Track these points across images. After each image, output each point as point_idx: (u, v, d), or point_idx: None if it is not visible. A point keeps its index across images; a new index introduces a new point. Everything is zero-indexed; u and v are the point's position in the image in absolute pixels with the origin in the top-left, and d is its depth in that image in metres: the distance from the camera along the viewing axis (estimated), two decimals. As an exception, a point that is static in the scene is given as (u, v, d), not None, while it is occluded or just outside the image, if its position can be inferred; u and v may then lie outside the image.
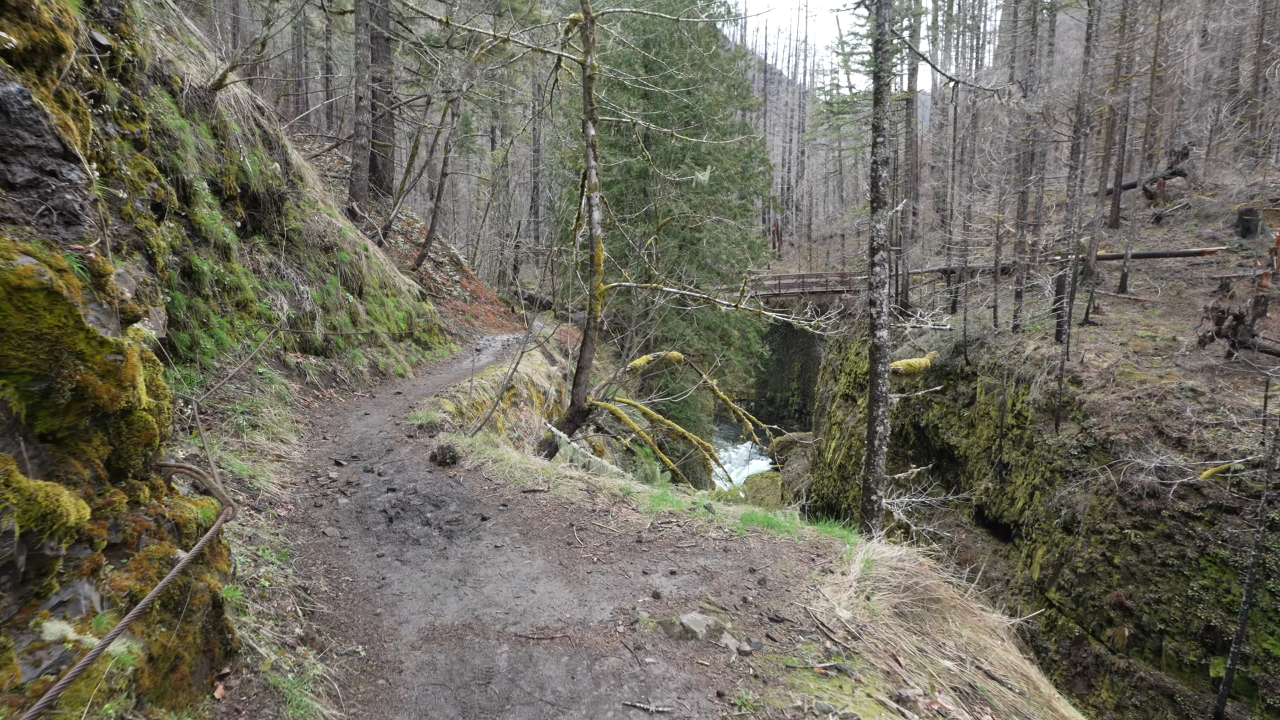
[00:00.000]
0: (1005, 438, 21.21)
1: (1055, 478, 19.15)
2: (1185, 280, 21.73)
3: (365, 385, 9.65)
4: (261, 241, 9.39)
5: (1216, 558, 15.10)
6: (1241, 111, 27.06)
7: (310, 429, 7.22)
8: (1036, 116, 19.99)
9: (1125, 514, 17.00)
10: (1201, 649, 15.19)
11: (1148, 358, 19.35)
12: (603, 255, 7.39)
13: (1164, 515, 16.15)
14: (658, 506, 5.12)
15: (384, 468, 6.21)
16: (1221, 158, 26.05)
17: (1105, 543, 17.38)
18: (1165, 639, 15.90)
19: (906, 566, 4.26)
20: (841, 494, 28.69)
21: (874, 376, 6.62)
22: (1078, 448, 18.64)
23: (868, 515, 6.62)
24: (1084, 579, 17.82)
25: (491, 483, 5.75)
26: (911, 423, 25.28)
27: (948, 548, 22.50)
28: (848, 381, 29.06)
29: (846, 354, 29.52)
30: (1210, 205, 23.11)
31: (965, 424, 23.10)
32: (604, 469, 6.42)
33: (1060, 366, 19.15)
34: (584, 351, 7.60)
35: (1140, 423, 17.76)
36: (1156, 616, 16.15)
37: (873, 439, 6.62)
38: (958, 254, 24.22)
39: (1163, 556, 16.15)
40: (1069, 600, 18.11)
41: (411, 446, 6.78)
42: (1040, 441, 19.74)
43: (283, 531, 4.71)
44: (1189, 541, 15.69)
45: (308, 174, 11.45)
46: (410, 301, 13.58)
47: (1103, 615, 17.22)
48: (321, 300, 9.76)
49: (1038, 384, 20.27)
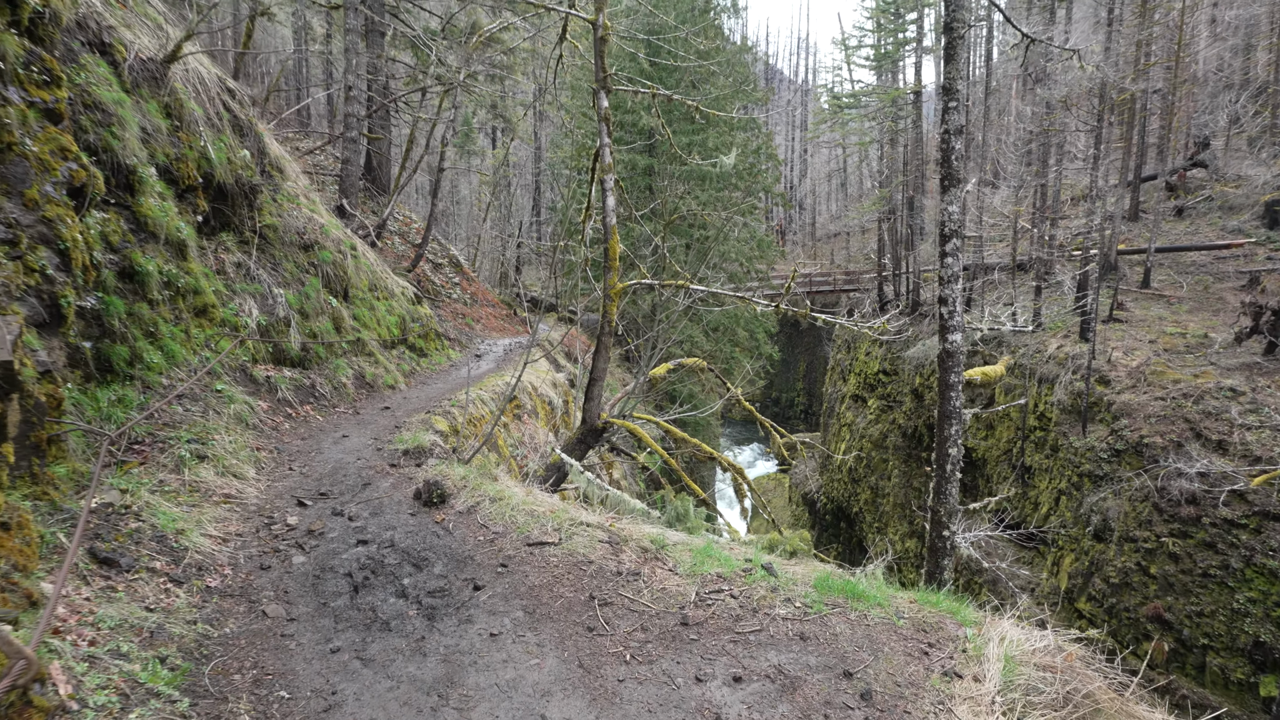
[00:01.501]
0: (1028, 440, 19.91)
1: (1083, 482, 17.85)
2: (1211, 275, 20.43)
3: (349, 399, 8.35)
4: (229, 239, 8.09)
5: (1264, 568, 13.81)
6: (1259, 101, 25.74)
7: (275, 457, 5.93)
8: (1058, 105, 18.65)
9: (1162, 521, 15.68)
10: (1250, 666, 13.90)
11: (1179, 355, 18.04)
12: (618, 249, 6.11)
13: (1204, 523, 14.86)
14: (702, 566, 3.84)
15: (357, 509, 4.90)
16: (1240, 149, 24.74)
17: (1140, 551, 16.05)
18: (1209, 654, 14.60)
19: (1055, 664, 2.98)
20: (853, 497, 27.40)
21: (944, 388, 5.36)
22: (1108, 451, 17.31)
23: (937, 554, 5.37)
24: (1117, 589, 16.48)
25: (488, 531, 4.45)
26: (926, 424, 23.99)
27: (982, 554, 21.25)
28: (857, 382, 27.77)
29: (856, 354, 28.22)
30: (1234, 197, 21.80)
31: (984, 425, 21.80)
32: (625, 505, 5.14)
33: (1088, 365, 17.84)
34: (597, 360, 6.31)
35: (1176, 424, 16.43)
36: (1199, 630, 14.84)
37: (944, 463, 5.36)
38: (972, 250, 22.91)
39: (1204, 566, 14.86)
40: (1101, 611, 16.77)
41: (393, 479, 5.48)
42: (1066, 444, 18.43)
43: (207, 614, 3.42)
44: (1233, 551, 14.40)
45: (288, 166, 10.15)
46: (404, 305, 12.29)
47: (1139, 628, 15.89)
48: (299, 304, 8.46)
49: (1062, 384, 18.96)
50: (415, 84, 15.75)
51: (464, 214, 33.88)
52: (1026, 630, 3.17)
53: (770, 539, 4.21)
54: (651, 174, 21.84)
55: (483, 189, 31.18)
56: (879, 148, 29.23)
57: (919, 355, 23.82)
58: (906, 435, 25.29)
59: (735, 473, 6.53)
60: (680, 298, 6.29)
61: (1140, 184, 23.00)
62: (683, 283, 5.92)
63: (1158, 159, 25.38)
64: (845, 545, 27.31)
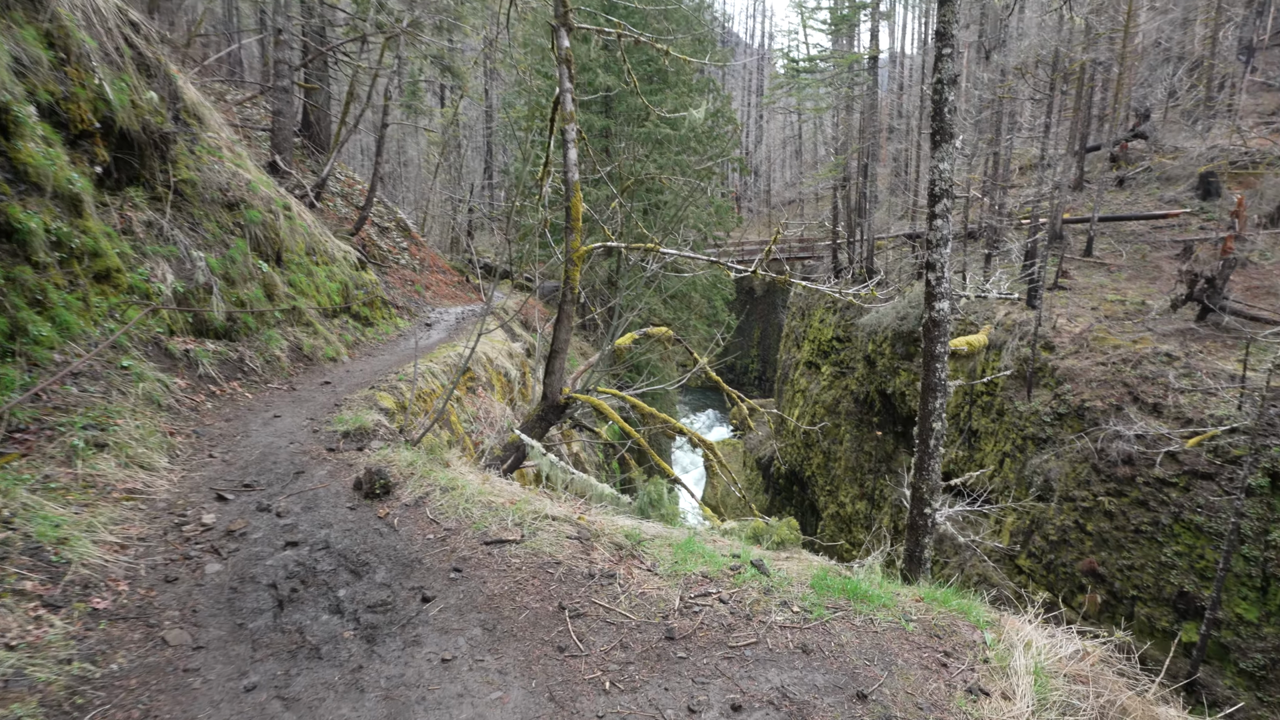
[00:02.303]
0: (975, 405, 20.23)
1: (1027, 445, 18.25)
2: (1149, 244, 20.91)
3: (283, 374, 7.51)
4: (138, 195, 7.05)
5: (1191, 524, 14.36)
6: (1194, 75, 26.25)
7: (193, 443, 5.14)
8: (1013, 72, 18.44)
9: (1099, 481, 16.15)
10: (1174, 614, 14.54)
11: (1119, 322, 18.46)
12: (581, 208, 5.45)
13: (1138, 482, 15.34)
14: (684, 565, 3.35)
15: (287, 503, 4.22)
16: (1176, 121, 25.27)
17: (1078, 510, 16.54)
18: (1138, 605, 15.23)
19: (1085, 673, 2.61)
20: (806, 461, 27.64)
21: (930, 360, 4.96)
22: (1051, 415, 17.69)
23: (918, 532, 5.05)
24: (1056, 546, 17.01)
25: (439, 527, 3.85)
26: (877, 390, 24.20)
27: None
28: (811, 349, 27.79)
29: (810, 321, 28.18)
30: (1171, 168, 22.27)
31: (933, 390, 22.05)
32: (593, 490, 4.60)
33: (1034, 332, 18.09)
34: (558, 330, 5.68)
35: (1115, 388, 16.84)
36: (1129, 583, 15.44)
37: (927, 438, 5.00)
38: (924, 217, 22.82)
39: (1136, 523, 15.38)
40: (1040, 567, 17.33)
41: (331, 466, 4.79)
42: (1011, 409, 18.78)
43: (88, 646, 2.75)
44: (1163, 508, 14.93)
45: (209, 115, 8.98)
46: (347, 271, 11.29)
47: (1074, 582, 16.46)
48: (223, 269, 7.50)
49: (1009, 350, 19.23)
50: (354, 32, 14.39)
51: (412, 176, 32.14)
52: (1050, 634, 2.80)
53: (754, 527, 3.78)
54: (609, 135, 20.88)
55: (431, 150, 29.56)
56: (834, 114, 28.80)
57: (872, 322, 23.86)
58: (859, 401, 25.48)
59: (706, 449, 6.07)
60: (648, 262, 5.70)
61: (1085, 154, 23.26)
62: (652, 245, 5.31)
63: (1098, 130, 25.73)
64: (798, 509, 27.64)
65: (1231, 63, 25.99)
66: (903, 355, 23.62)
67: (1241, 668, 13.29)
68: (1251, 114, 25.57)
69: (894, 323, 23.31)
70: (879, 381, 24.02)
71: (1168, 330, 17.22)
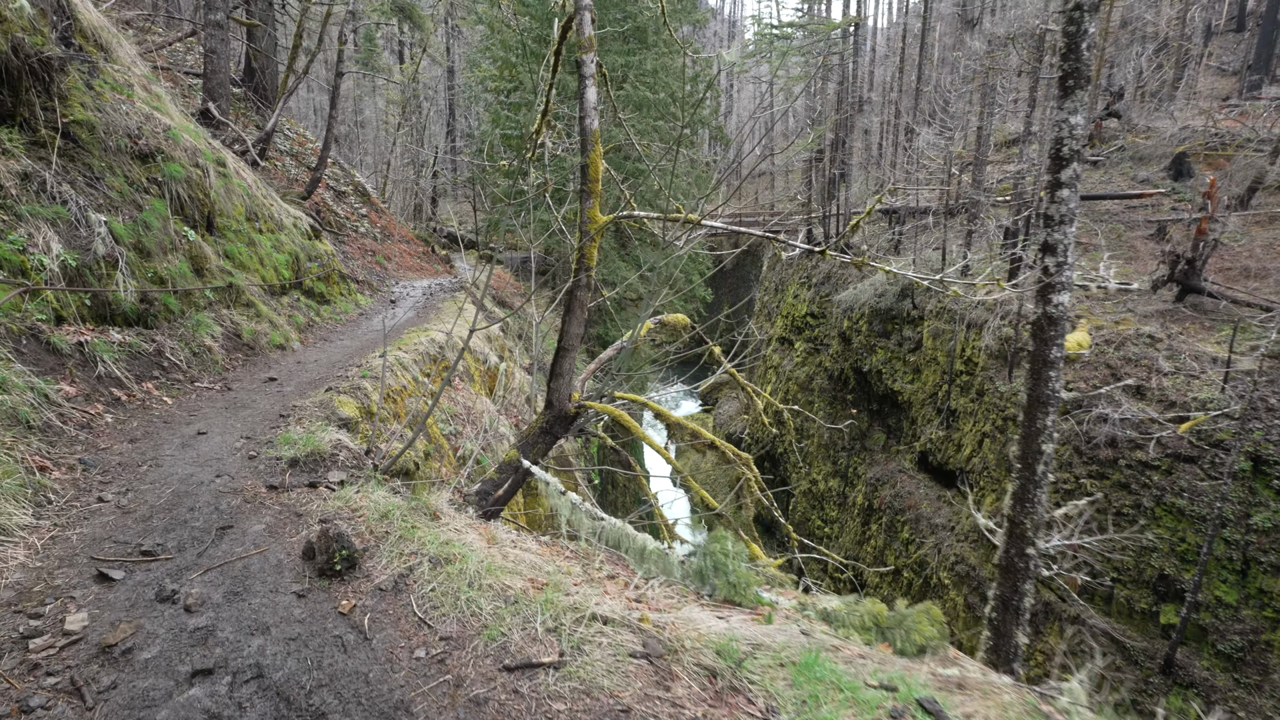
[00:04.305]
0: (954, 384, 19.62)
1: (1007, 425, 17.73)
2: (1123, 223, 20.45)
3: (216, 369, 5.93)
4: (13, 138, 5.30)
5: (1173, 507, 14.00)
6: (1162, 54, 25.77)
7: (78, 479, 3.65)
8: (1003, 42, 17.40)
9: (1081, 463, 15.69)
10: (1153, 597, 14.27)
11: (1098, 302, 17.96)
12: (601, 165, 4.08)
13: (1120, 465, 14.92)
14: (817, 711, 2.15)
15: (203, 587, 2.82)
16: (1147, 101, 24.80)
17: (1060, 492, 16.09)
18: (1117, 587, 14.93)
19: None
20: (778, 438, 26.95)
21: (1041, 366, 3.83)
22: (1033, 395, 17.12)
23: (1015, 576, 3.97)
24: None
25: (432, 634, 2.53)
26: (853, 367, 23.47)
27: (892, 492, 21.19)
28: (784, 324, 26.88)
29: (784, 296, 27.22)
30: (1144, 148, 21.79)
31: (910, 369, 21.41)
32: (630, 543, 3.33)
33: (1018, 311, 17.44)
34: (569, 324, 4.34)
35: (1099, 370, 16.33)
36: (1109, 565, 15.11)
37: (1033, 462, 3.91)
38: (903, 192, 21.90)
39: (1118, 506, 15.00)
40: (1020, 547, 16.88)
41: (272, 515, 3.39)
42: (992, 389, 18.20)
43: None
44: (1145, 491, 14.55)
45: (116, 45, 7.11)
46: (298, 240, 9.56)
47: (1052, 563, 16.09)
48: (134, 236, 5.82)
49: (990, 329, 18.58)
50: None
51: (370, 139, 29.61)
52: None
53: (874, 614, 2.63)
54: (583, 98, 19.08)
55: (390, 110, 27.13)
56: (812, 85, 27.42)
57: (849, 299, 23.00)
58: (833, 378, 24.76)
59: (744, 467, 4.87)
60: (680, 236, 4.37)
61: (1062, 132, 22.60)
62: (692, 217, 3.99)
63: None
64: (769, 485, 27.04)
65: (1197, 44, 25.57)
66: (880, 333, 22.89)
67: (1219, 649, 13.06)
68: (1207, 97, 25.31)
69: (871, 299, 22.50)
70: (854, 359, 23.30)
71: (1148, 311, 16.75)
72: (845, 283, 24.14)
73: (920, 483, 20.60)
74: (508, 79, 20.93)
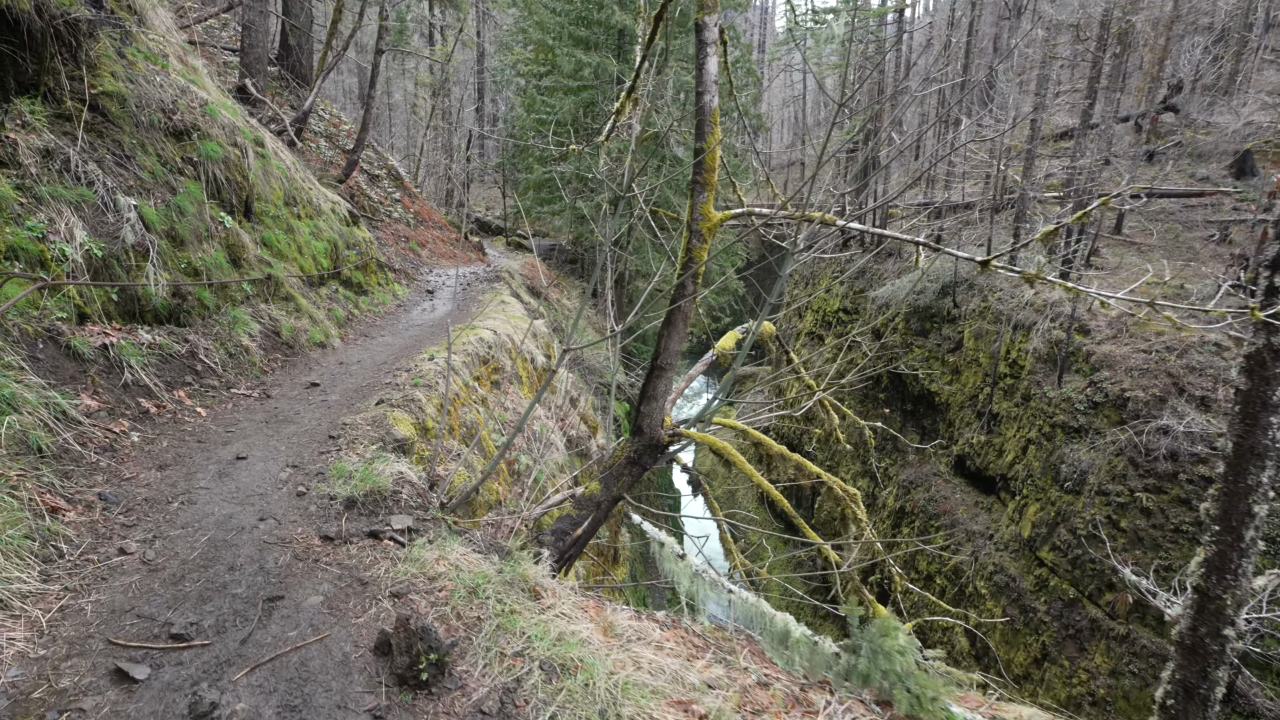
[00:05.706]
0: (996, 387, 18.64)
1: (1055, 433, 16.74)
2: (1180, 223, 19.22)
3: (254, 372, 5.26)
4: (36, 110, 4.61)
5: (1236, 524, 12.96)
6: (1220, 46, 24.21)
7: (96, 522, 2.99)
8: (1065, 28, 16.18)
9: (1137, 476, 14.68)
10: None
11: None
12: (719, 152, 3.31)
13: (1180, 479, 13.91)
14: None
15: (250, 696, 2.13)
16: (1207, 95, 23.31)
17: (1112, 505, 15.11)
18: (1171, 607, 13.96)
19: None
20: (805, 435, 26.08)
21: (1254, 408, 3.00)
22: (1085, 402, 16.12)
23: (1205, 661, 3.17)
24: (1085, 541, 15.65)
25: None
26: (886, 365, 22.49)
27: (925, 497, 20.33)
28: (815, 319, 25.94)
29: (815, 290, 26.24)
30: (1204, 144, 20.45)
31: (949, 370, 20.43)
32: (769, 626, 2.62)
33: (1071, 314, 16.41)
34: (668, 340, 3.60)
35: (1159, 378, 15.26)
36: (1164, 584, 14.12)
37: (1240, 525, 3.13)
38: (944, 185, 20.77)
39: (1176, 523, 14.00)
40: (1064, 561, 15.98)
41: (330, 582, 2.70)
42: (1039, 393, 17.20)
43: None
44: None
45: (150, 10, 6.40)
46: (336, 226, 8.87)
47: (1102, 579, 15.15)
48: (167, 223, 5.14)
49: (1039, 332, 17.54)
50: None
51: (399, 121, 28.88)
52: None
53: None
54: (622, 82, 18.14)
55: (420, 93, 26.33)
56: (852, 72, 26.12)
57: (886, 295, 22.01)
58: (864, 376, 23.85)
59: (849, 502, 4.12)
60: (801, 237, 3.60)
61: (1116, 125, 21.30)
62: (829, 217, 3.22)
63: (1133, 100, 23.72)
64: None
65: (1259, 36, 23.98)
66: (917, 331, 21.91)
67: (1284, 672, 12.09)
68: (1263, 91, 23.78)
69: (909, 296, 21.49)
70: (888, 357, 22.35)
71: (1212, 318, 15.66)
72: (881, 279, 23.14)
73: (956, 487, 19.70)
74: (542, 62, 20.02)
